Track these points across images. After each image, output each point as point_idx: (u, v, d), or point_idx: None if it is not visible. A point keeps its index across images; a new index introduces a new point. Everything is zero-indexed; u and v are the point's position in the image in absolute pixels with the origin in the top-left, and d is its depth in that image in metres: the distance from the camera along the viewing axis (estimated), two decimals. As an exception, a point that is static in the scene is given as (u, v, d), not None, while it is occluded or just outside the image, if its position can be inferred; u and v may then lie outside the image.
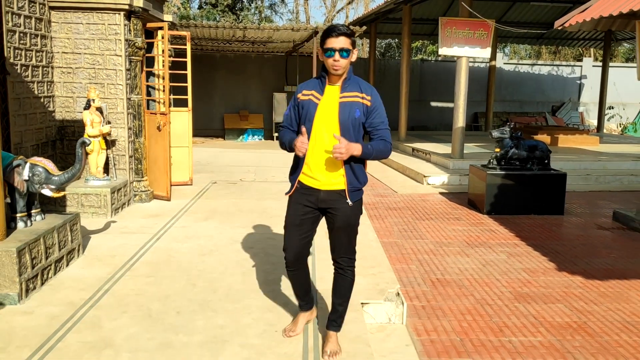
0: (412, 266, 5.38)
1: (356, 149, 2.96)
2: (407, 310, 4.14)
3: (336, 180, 3.12)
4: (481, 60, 15.90)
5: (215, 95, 17.41)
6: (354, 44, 3.06)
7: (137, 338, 3.38)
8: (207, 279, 4.38)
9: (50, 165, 4.48)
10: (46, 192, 4.44)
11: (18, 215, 4.33)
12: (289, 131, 3.23)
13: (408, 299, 4.55)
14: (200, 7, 22.34)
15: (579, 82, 19.27)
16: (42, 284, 4.19)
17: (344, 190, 3.11)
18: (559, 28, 7.21)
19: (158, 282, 4.32)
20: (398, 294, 4.16)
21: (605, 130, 17.55)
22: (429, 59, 21.48)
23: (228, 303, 3.91)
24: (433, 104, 18.37)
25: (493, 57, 16.69)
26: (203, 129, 16.57)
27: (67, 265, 4.62)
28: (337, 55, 2.98)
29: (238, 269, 4.62)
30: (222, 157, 12.25)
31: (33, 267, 4.06)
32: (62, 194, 4.57)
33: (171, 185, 7.19)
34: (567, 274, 5.22)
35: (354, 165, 3.11)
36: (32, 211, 4.49)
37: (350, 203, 3.12)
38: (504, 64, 19.24)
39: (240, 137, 16.70)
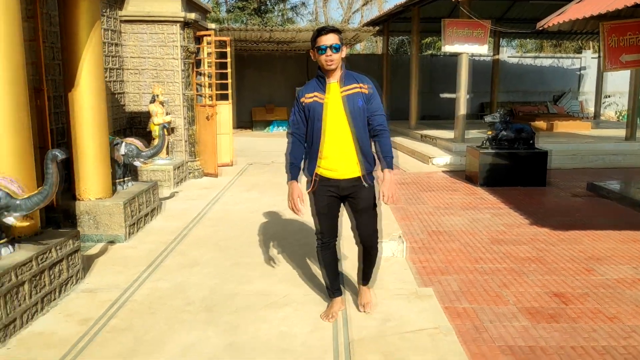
0: (414, 222, 6.80)
1: (390, 177, 3.34)
2: (406, 248, 5.55)
3: (353, 169, 3.40)
4: (486, 54, 17.10)
5: (244, 91, 18.66)
6: (342, 41, 3.28)
7: (215, 260, 4.87)
8: (256, 228, 5.87)
9: (139, 143, 6.00)
10: (137, 163, 5.96)
11: (117, 181, 5.85)
12: (295, 148, 3.49)
13: (408, 242, 5.95)
14: (228, 11, 23.65)
15: (579, 73, 20.29)
16: (137, 230, 5.71)
17: (360, 176, 3.42)
18: (540, 29, 8.52)
19: (221, 229, 5.82)
20: (400, 236, 5.57)
21: (603, 118, 18.60)
22: (439, 54, 22.62)
23: (275, 241, 5.39)
24: (443, 95, 19.61)
25: (497, 51, 17.90)
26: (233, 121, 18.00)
27: (152, 219, 6.14)
28: (329, 51, 3.20)
29: (278, 221, 6.11)
30: (254, 145, 13.74)
31: (132, 217, 5.58)
32: (148, 165, 6.11)
33: (218, 165, 8.72)
34: (537, 227, 6.58)
35: (365, 153, 3.41)
36: (125, 179, 6.01)
37: (366, 185, 3.44)
38: (508, 57, 20.35)
39: (267, 128, 18.04)
